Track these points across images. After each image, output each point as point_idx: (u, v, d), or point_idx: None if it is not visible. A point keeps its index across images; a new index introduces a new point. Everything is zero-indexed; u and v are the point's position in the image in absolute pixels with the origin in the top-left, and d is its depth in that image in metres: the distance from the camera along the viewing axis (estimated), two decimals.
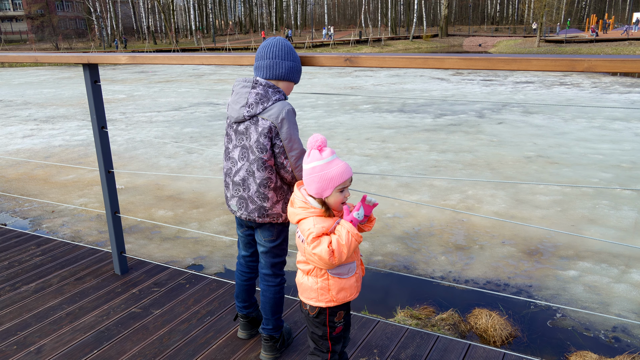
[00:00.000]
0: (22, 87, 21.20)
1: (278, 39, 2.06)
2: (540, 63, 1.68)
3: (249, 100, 2.01)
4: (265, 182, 2.07)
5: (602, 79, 19.43)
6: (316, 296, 1.87)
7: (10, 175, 7.73)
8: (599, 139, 9.34)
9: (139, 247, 5.00)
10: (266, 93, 2.00)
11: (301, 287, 1.92)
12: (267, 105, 1.99)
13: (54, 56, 2.99)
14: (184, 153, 8.85)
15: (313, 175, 1.78)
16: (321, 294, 1.87)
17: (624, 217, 5.55)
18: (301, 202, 1.83)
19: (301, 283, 1.92)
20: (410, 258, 4.68)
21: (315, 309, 1.90)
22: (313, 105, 14.08)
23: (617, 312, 3.76)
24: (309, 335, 2.00)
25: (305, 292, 1.90)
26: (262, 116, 1.99)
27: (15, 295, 3.02)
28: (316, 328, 1.94)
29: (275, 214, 2.13)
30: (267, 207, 2.10)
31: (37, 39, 57.26)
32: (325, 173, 1.76)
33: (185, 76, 24.20)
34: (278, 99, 2.01)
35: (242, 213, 2.16)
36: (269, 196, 2.09)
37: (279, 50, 2.03)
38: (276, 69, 2.02)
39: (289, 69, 2.04)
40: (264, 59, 2.03)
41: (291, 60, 2.05)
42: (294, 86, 2.13)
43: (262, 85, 2.01)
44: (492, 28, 70.62)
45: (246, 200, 2.12)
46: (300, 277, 1.93)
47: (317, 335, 1.95)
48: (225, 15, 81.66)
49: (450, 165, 7.71)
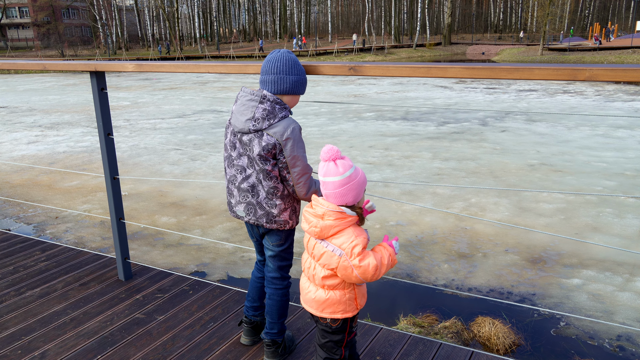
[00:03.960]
0: (27, 93, 21.36)
1: (282, 53, 2.08)
2: (543, 72, 1.70)
3: (256, 115, 2.04)
4: (273, 191, 2.11)
5: (606, 87, 19.43)
6: (344, 308, 1.88)
7: (15, 181, 7.78)
8: (602, 147, 9.33)
9: (142, 253, 5.02)
10: (273, 109, 2.04)
11: (324, 303, 1.88)
12: (274, 122, 2.03)
13: (62, 64, 3.02)
14: (187, 160, 8.88)
15: (351, 184, 1.79)
16: (349, 304, 1.88)
17: (628, 225, 5.53)
18: (335, 214, 1.78)
19: (325, 299, 1.87)
20: (413, 266, 4.68)
21: (339, 321, 1.90)
22: (316, 113, 14.13)
23: (621, 321, 3.75)
24: (321, 345, 1.97)
25: (331, 307, 1.88)
26: (267, 132, 2.03)
27: (20, 300, 3.03)
28: (334, 336, 1.93)
29: (282, 221, 2.17)
30: (275, 213, 2.15)
31: (42, 46, 57.73)
32: (359, 178, 1.81)
33: (189, 83, 24.33)
34: (284, 116, 2.05)
35: (250, 218, 2.19)
36: (277, 203, 2.13)
37: (283, 65, 2.05)
38: (281, 84, 2.05)
39: (293, 83, 2.07)
40: (269, 74, 2.06)
41: (295, 74, 2.07)
42: (299, 98, 2.15)
43: (270, 102, 2.04)
44: (495, 36, 70.81)
45: (255, 206, 2.15)
46: (321, 293, 1.88)
47: (333, 343, 1.94)
48: (229, 23, 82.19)
49: (453, 173, 7.71)
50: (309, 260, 1.93)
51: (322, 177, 1.82)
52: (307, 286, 1.93)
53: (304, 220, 1.88)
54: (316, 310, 1.90)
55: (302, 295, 1.97)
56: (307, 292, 1.93)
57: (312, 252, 1.88)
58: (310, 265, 1.91)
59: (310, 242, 1.89)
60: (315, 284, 1.89)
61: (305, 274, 1.96)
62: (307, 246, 1.91)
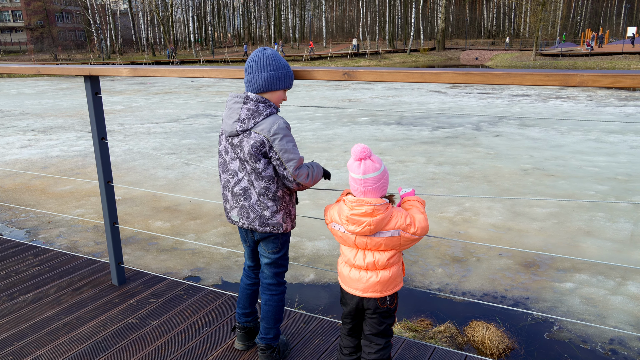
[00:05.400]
0: (20, 97, 21.25)
1: (257, 52, 2.10)
2: (534, 78, 1.72)
3: (241, 116, 2.07)
4: (264, 192, 2.11)
5: (598, 92, 19.60)
6: (401, 278, 2.03)
7: (7, 185, 7.73)
8: (594, 152, 9.40)
9: (135, 258, 5.00)
10: (257, 108, 2.06)
11: (389, 281, 1.97)
12: (259, 120, 2.06)
13: (56, 68, 3.02)
14: (181, 164, 8.87)
15: (386, 175, 1.94)
16: (400, 274, 2.02)
17: (620, 230, 5.58)
18: (382, 207, 1.89)
19: (390, 277, 1.97)
20: (408, 270, 4.68)
21: (395, 298, 2.02)
22: (311, 117, 14.15)
23: (613, 324, 3.77)
24: (378, 334, 2.04)
25: (394, 282, 1.99)
26: (254, 130, 2.06)
27: (12, 305, 3.01)
28: (390, 319, 2.05)
29: (275, 223, 2.16)
30: (267, 216, 2.14)
31: (36, 49, 57.49)
32: (385, 167, 1.96)
33: (183, 88, 24.30)
34: (269, 114, 2.07)
35: (243, 222, 2.19)
36: (268, 205, 2.13)
37: (255, 63, 2.08)
38: (255, 83, 2.08)
39: (266, 80, 2.07)
40: (246, 74, 2.11)
41: (269, 70, 2.07)
42: (284, 93, 2.14)
43: (253, 101, 2.07)
44: (488, 41, 71.31)
45: (247, 210, 2.16)
46: (385, 273, 1.96)
47: (388, 325, 2.05)
48: (224, 28, 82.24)
49: (447, 177, 7.75)
50: (359, 254, 1.98)
51: (361, 175, 1.89)
52: (365, 275, 1.98)
53: (350, 223, 1.92)
54: (381, 292, 1.98)
55: (360, 284, 1.99)
56: (367, 279, 1.97)
57: (367, 246, 1.95)
58: (365, 256, 1.97)
59: (358, 240, 1.95)
60: (376, 268, 1.97)
61: (358, 267, 1.99)
62: (356, 244, 1.96)
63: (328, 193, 6.94)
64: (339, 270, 2.08)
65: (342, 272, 2.05)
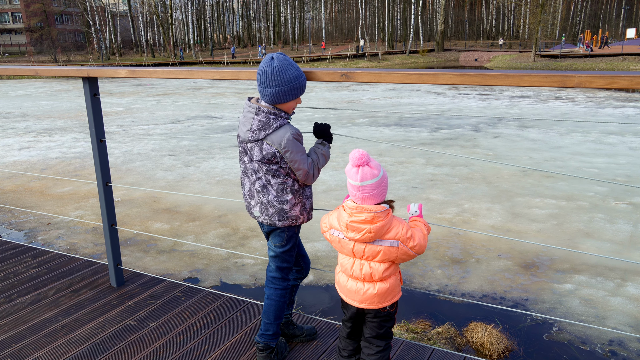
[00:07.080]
0: (19, 99, 21.24)
1: (265, 64, 2.09)
2: (532, 79, 1.72)
3: (253, 126, 2.14)
4: (282, 187, 2.19)
5: (597, 94, 19.61)
6: (399, 289, 2.02)
7: (6, 187, 7.72)
8: (594, 153, 9.41)
9: (134, 259, 4.99)
10: (267, 120, 2.12)
11: (386, 293, 1.96)
12: (269, 132, 2.11)
13: (55, 69, 3.02)
14: (180, 166, 8.86)
15: (385, 181, 1.90)
16: (398, 285, 2.02)
17: (619, 231, 5.57)
18: (382, 214, 1.86)
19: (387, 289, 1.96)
20: (407, 271, 4.68)
21: (396, 303, 2.03)
22: (310, 119, 14.15)
23: (613, 326, 3.77)
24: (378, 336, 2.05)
25: (392, 293, 1.99)
26: (266, 141, 2.12)
27: (11, 307, 3.01)
28: (390, 322, 2.06)
29: (294, 216, 2.23)
30: (287, 209, 2.21)
31: (35, 51, 57.50)
32: (385, 173, 1.92)
33: (183, 89, 24.31)
34: (279, 126, 2.11)
35: (263, 218, 2.25)
36: (287, 199, 2.20)
37: (262, 77, 2.10)
38: (264, 96, 2.14)
39: (273, 95, 2.10)
40: (258, 85, 2.15)
41: (275, 86, 2.08)
42: (294, 102, 2.16)
43: (264, 113, 2.12)
44: (488, 43, 71.36)
45: (266, 206, 2.22)
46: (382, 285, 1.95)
47: (388, 328, 2.06)
48: (223, 30, 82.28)
49: (446, 179, 7.74)
50: (356, 264, 1.96)
51: (359, 182, 1.85)
52: (362, 287, 1.97)
53: (350, 230, 1.89)
54: (379, 304, 1.97)
55: (358, 296, 1.98)
56: (365, 291, 1.96)
57: (364, 254, 1.92)
58: (362, 267, 1.94)
59: (356, 247, 1.92)
60: (373, 280, 1.95)
61: (355, 278, 1.98)
62: (354, 252, 1.94)
63: (327, 194, 6.94)
64: (337, 279, 2.08)
65: (340, 281, 2.05)
